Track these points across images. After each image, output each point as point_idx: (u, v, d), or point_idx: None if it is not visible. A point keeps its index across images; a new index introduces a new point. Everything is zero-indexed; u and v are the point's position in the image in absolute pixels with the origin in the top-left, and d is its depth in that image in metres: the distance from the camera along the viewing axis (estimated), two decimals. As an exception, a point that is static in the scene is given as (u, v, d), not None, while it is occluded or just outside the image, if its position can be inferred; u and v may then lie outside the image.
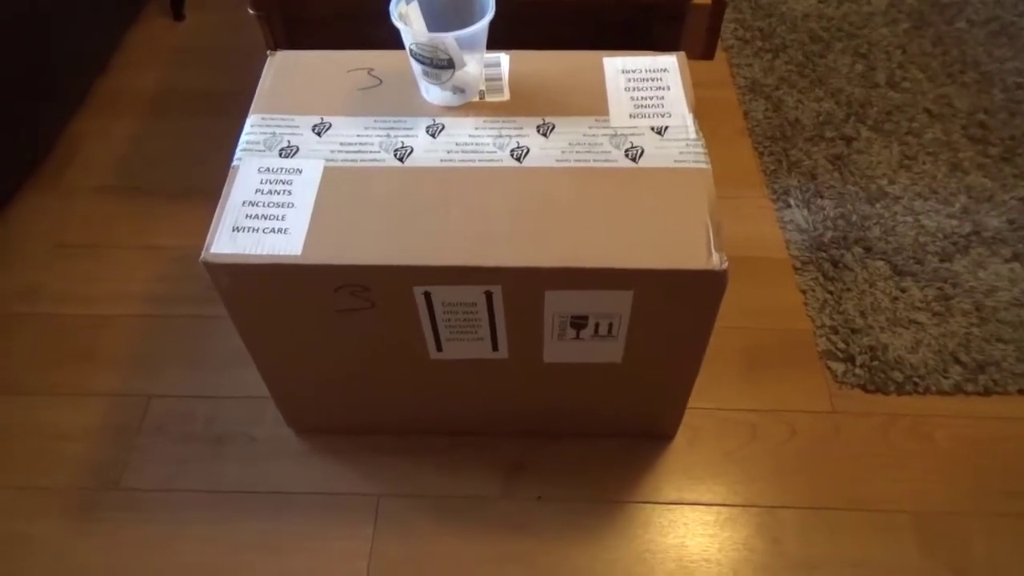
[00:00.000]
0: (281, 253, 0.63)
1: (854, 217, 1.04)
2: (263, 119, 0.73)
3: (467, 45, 0.69)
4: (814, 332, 0.94)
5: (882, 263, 0.99)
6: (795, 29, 1.33)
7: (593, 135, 0.72)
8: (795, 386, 0.90)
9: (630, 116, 0.73)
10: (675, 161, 0.69)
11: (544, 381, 0.76)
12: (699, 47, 0.94)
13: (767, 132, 1.16)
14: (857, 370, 0.90)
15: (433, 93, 0.74)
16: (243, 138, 0.72)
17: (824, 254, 1.01)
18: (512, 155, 0.70)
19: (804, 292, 0.98)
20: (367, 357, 0.74)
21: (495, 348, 0.72)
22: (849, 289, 0.97)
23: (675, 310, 0.67)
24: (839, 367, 0.90)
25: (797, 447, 0.85)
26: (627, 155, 0.70)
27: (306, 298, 0.66)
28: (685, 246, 0.63)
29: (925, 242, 1.01)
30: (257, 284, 0.65)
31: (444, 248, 0.64)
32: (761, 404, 0.89)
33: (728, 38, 1.32)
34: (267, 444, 0.86)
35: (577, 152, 0.70)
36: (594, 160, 0.70)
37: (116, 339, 0.95)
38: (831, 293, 0.97)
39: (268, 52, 0.81)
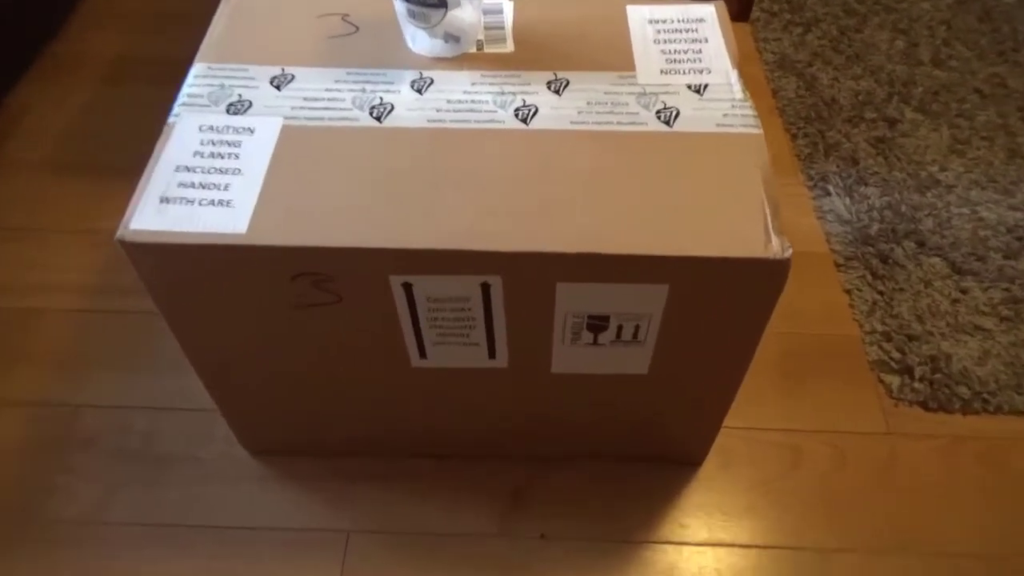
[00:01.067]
0: (222, 231, 0.50)
1: (903, 207, 0.91)
2: (210, 69, 0.59)
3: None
4: (863, 339, 0.81)
5: (938, 260, 0.86)
6: (827, 2, 1.20)
7: (616, 93, 0.58)
8: (843, 402, 0.77)
9: (661, 72, 0.60)
10: (718, 125, 0.56)
11: (551, 396, 0.63)
12: (732, 4, 0.81)
13: (800, 112, 1.03)
14: (916, 384, 0.76)
15: (421, 41, 0.61)
16: (183, 91, 0.58)
17: (871, 248, 0.87)
18: (517, 115, 0.56)
19: (849, 292, 0.84)
20: (333, 364, 0.60)
21: (492, 355, 0.58)
22: (902, 289, 0.84)
23: (720, 310, 0.53)
24: (894, 380, 0.77)
25: (849, 476, 0.72)
26: (659, 117, 0.56)
27: (255, 289, 0.52)
28: (736, 229, 0.50)
29: (986, 236, 0.88)
30: (191, 270, 0.51)
31: (429, 228, 0.50)
32: (804, 423, 0.75)
33: (752, 9, 1.19)
34: (216, 467, 0.71)
35: (597, 113, 0.57)
36: (618, 123, 0.56)
37: (45, 338, 0.80)
38: (881, 294, 0.83)
39: (222, -7, 0.67)
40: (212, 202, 0.51)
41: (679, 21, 0.63)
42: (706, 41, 0.62)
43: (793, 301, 0.83)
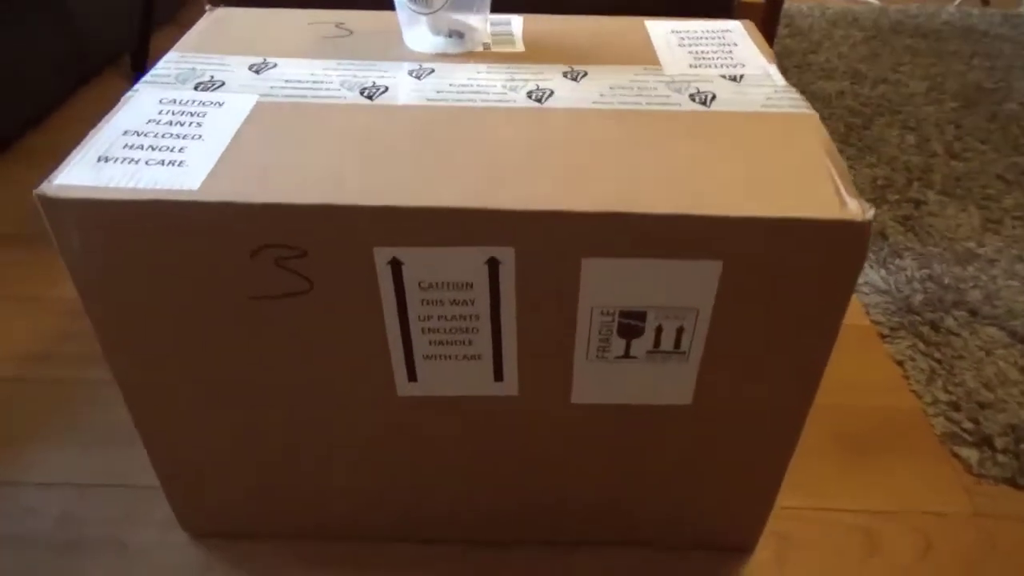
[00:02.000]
0: (168, 187, 0.40)
1: (946, 279, 0.82)
2: (182, 56, 0.52)
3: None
4: (925, 410, 0.69)
5: (994, 329, 0.76)
6: (830, 105, 1.18)
7: (643, 80, 0.51)
8: (916, 480, 0.64)
9: (690, 66, 0.53)
10: (763, 106, 0.48)
11: (570, 441, 0.50)
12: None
13: (818, 194, 0.97)
14: (1000, 457, 0.64)
15: (421, 39, 0.55)
16: (148, 74, 0.51)
17: (918, 318, 0.78)
18: (530, 96, 0.49)
19: (901, 363, 0.73)
20: (299, 392, 0.48)
21: (499, 376, 0.47)
22: (961, 357, 0.73)
23: (783, 300, 0.42)
24: (972, 454, 0.65)
25: (939, 566, 0.57)
26: (693, 99, 0.49)
27: (204, 268, 0.42)
28: (802, 191, 0.41)
29: (1043, 308, 0.79)
30: (125, 240, 0.41)
31: (425, 187, 0.41)
32: (875, 503, 0.62)
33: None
34: (146, 554, 0.57)
35: (623, 94, 0.49)
36: (647, 104, 0.49)
37: (-38, 408, 0.68)
38: (939, 362, 0.73)
39: (207, 7, 0.62)
40: (161, 162, 0.42)
41: (704, 31, 0.58)
42: (736, 45, 0.56)
43: (842, 374, 0.73)
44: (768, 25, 0.74)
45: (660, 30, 0.58)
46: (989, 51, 1.36)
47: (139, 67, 1.22)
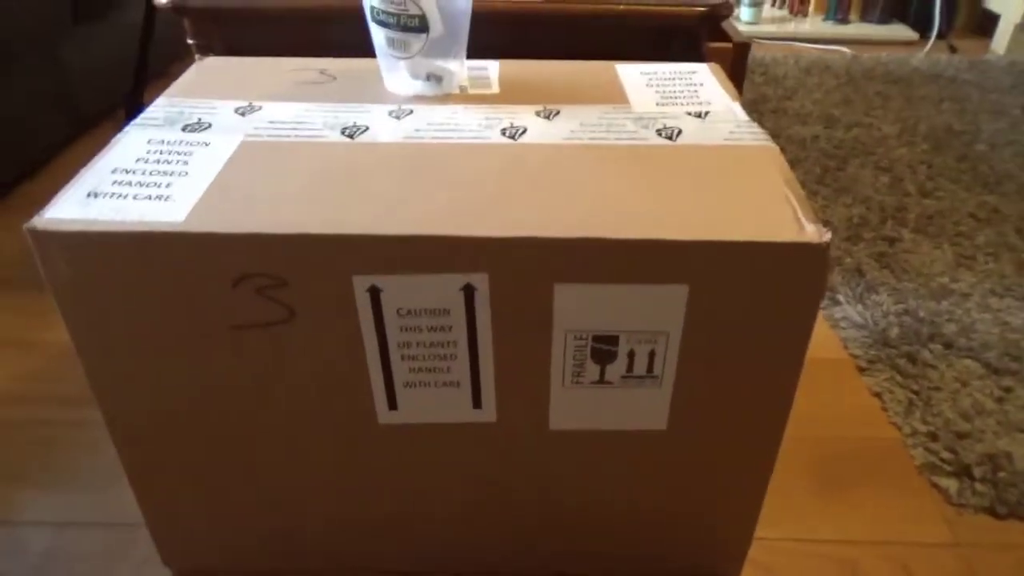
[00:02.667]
0: (153, 220, 0.42)
1: (921, 313, 0.84)
2: (170, 101, 0.55)
3: (447, 8, 0.53)
4: (903, 441, 0.70)
5: (970, 361, 0.78)
6: (805, 148, 1.22)
7: (612, 117, 0.53)
8: (896, 510, 0.64)
9: (657, 104, 0.56)
10: (726, 140, 0.51)
11: (548, 468, 0.51)
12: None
13: (795, 233, 0.99)
14: (978, 487, 0.65)
15: (401, 82, 0.57)
16: (137, 119, 0.53)
17: (895, 350, 0.79)
18: (504, 134, 0.51)
19: (879, 394, 0.75)
20: (281, 422, 0.49)
21: (477, 403, 0.48)
22: (938, 388, 0.74)
23: (748, 323, 0.44)
24: (951, 484, 0.65)
25: (921, 594, 0.58)
26: (660, 134, 0.51)
27: (187, 299, 0.43)
28: (762, 217, 0.43)
29: (1017, 339, 0.81)
30: (111, 271, 0.42)
31: (402, 216, 0.42)
32: (855, 533, 0.62)
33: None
34: (128, 591, 0.57)
35: (592, 131, 0.52)
36: (616, 139, 0.51)
37: (-54, 450, 0.68)
38: (916, 393, 0.74)
39: (197, 57, 0.64)
40: (148, 197, 0.43)
41: (672, 72, 0.61)
42: (702, 85, 0.59)
43: (820, 407, 0.74)
44: (736, 69, 0.78)
45: (630, 72, 0.61)
46: (957, 95, 1.41)
47: (133, 117, 1.25)
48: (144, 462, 0.51)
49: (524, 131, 0.51)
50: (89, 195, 0.43)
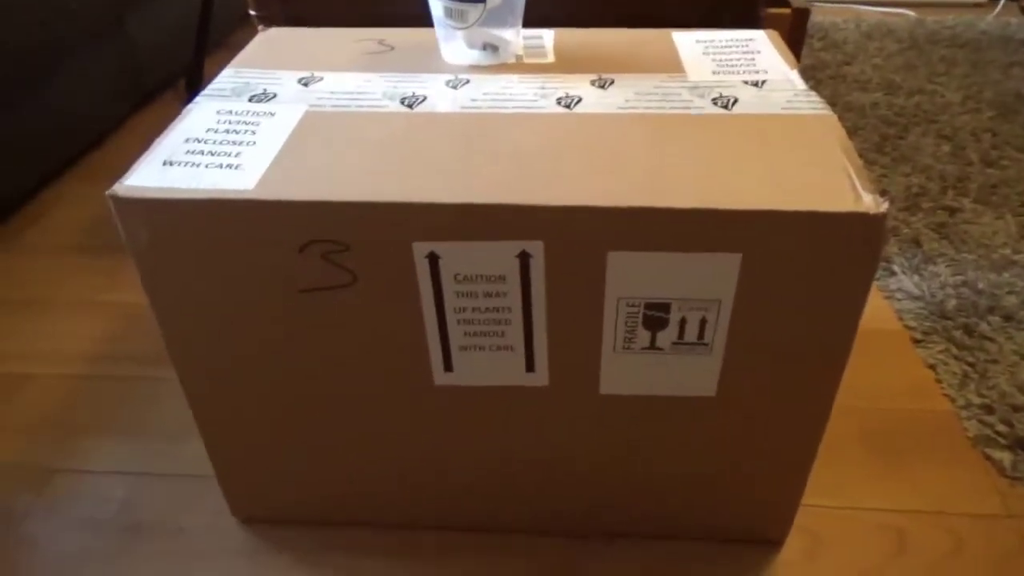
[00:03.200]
0: (225, 188, 0.44)
1: (980, 284, 0.83)
2: (237, 72, 0.57)
3: (503, -29, 0.54)
4: (957, 414, 0.69)
5: (1031, 334, 0.76)
6: (864, 115, 1.19)
7: (667, 87, 0.54)
8: (947, 482, 0.64)
9: (713, 73, 0.55)
10: (783, 108, 0.51)
11: (598, 432, 0.52)
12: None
13: (851, 203, 0.98)
14: (1034, 460, 0.64)
15: (458, 52, 0.58)
16: (206, 89, 0.55)
17: (951, 322, 0.78)
18: (559, 103, 0.52)
19: (934, 367, 0.74)
20: (342, 380, 0.51)
21: (530, 366, 0.49)
22: (996, 361, 0.73)
23: (801, 292, 0.44)
24: (1005, 457, 0.65)
25: (970, 565, 0.58)
26: (715, 103, 0.51)
27: (258, 262, 0.45)
28: (819, 187, 0.43)
29: (1080, 313, 0.79)
30: (187, 235, 0.45)
31: (461, 185, 0.44)
32: (905, 503, 0.62)
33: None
34: (200, 538, 0.60)
35: (647, 100, 0.52)
36: (671, 107, 0.51)
37: (31, 403, 0.72)
38: (972, 366, 0.73)
39: (260, 28, 0.66)
40: (219, 166, 0.46)
41: (728, 40, 0.61)
42: (759, 52, 0.58)
43: (873, 378, 0.74)
44: (795, 35, 0.76)
45: (686, 40, 0.61)
46: (1028, 61, 1.35)
47: (193, 88, 1.28)
48: (214, 417, 0.54)
49: (579, 100, 0.52)
50: (165, 163, 0.46)
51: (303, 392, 0.51)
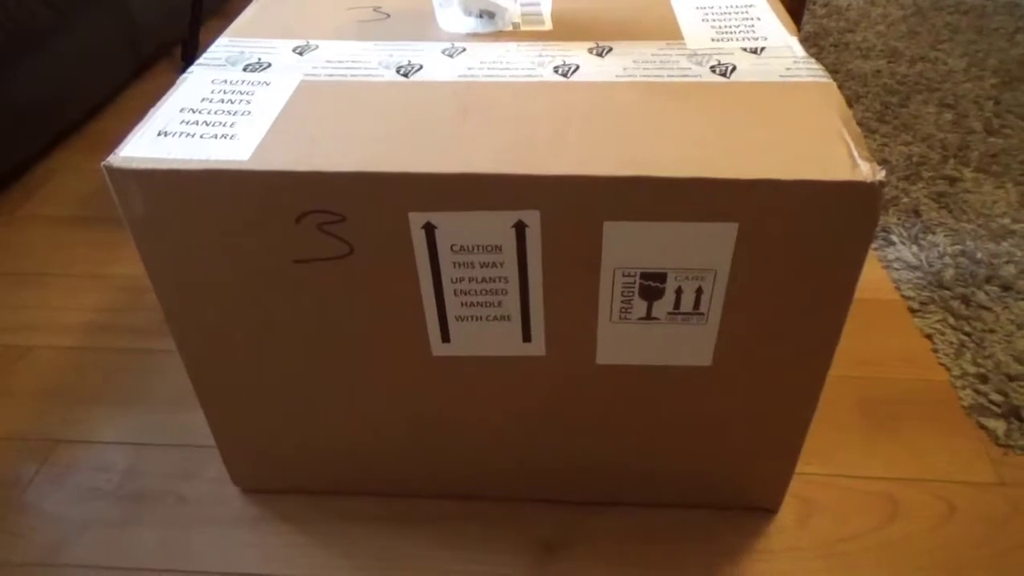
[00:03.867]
0: (221, 158, 0.44)
1: (979, 254, 0.83)
2: (231, 41, 0.56)
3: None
4: (952, 383, 0.70)
5: (1028, 304, 0.76)
6: (866, 84, 1.18)
7: (665, 55, 0.53)
8: (941, 450, 0.65)
9: (712, 40, 0.55)
10: (781, 76, 0.50)
11: (595, 400, 0.53)
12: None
13: (851, 172, 0.97)
14: (1027, 428, 0.65)
15: (453, 19, 0.57)
16: (200, 59, 0.54)
17: (949, 292, 0.78)
18: (556, 71, 0.51)
19: (930, 336, 0.74)
20: (340, 350, 0.51)
21: (527, 336, 0.49)
22: (992, 331, 0.73)
23: (797, 262, 0.44)
24: (998, 425, 0.65)
25: (961, 531, 0.59)
26: (714, 71, 0.51)
27: (253, 233, 0.45)
28: (815, 155, 0.43)
29: (1078, 282, 0.79)
30: (183, 206, 0.45)
31: (457, 154, 0.43)
32: (898, 471, 0.63)
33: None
34: (201, 506, 0.61)
35: (645, 68, 0.51)
36: (668, 76, 0.51)
37: (34, 373, 0.73)
38: (968, 335, 0.73)
39: (253, -4, 0.65)
40: (215, 136, 0.45)
41: (727, 6, 0.60)
42: (758, 19, 0.58)
43: (870, 347, 0.74)
44: (796, 1, 0.75)
45: (684, 6, 0.60)
46: (1034, 27, 1.34)
47: (190, 56, 1.27)
48: (213, 386, 0.55)
49: (576, 69, 0.52)
50: (160, 134, 0.46)
51: (301, 363, 0.52)
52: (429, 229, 0.44)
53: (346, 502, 0.60)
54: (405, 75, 0.51)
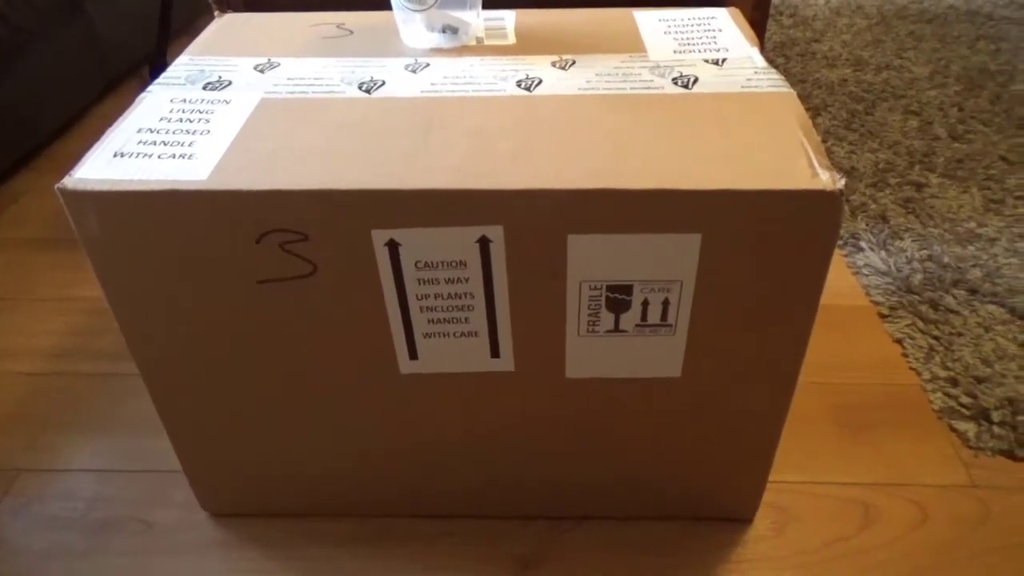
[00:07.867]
0: (178, 178, 0.43)
1: (946, 259, 0.83)
2: (191, 59, 0.56)
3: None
4: (923, 386, 0.70)
5: (995, 307, 0.77)
6: (833, 92, 1.19)
7: (628, 67, 0.53)
8: (913, 453, 0.65)
9: (674, 52, 0.55)
10: (742, 87, 0.50)
11: (566, 415, 0.52)
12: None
13: (820, 180, 0.98)
14: (997, 430, 0.65)
15: (417, 35, 0.57)
16: (160, 78, 0.54)
17: (918, 297, 0.79)
18: (519, 85, 0.51)
19: (900, 341, 0.75)
20: (306, 371, 0.50)
21: (495, 352, 0.49)
22: (960, 334, 0.74)
23: (761, 271, 0.44)
24: (969, 428, 0.66)
25: (934, 535, 0.59)
26: (676, 83, 0.51)
27: (213, 255, 0.45)
28: (776, 165, 0.43)
29: (1043, 284, 0.80)
30: (140, 228, 0.44)
31: (418, 170, 0.43)
32: (871, 476, 0.63)
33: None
34: (168, 533, 0.60)
35: (607, 81, 0.52)
36: (631, 88, 0.51)
37: (-5, 401, 0.71)
38: (937, 339, 0.74)
39: (216, 13, 0.65)
40: (172, 156, 0.45)
41: (690, 18, 0.60)
42: (720, 31, 0.58)
43: (841, 353, 0.74)
44: (758, 11, 0.76)
45: (648, 19, 0.60)
46: (994, 34, 1.36)
47: (156, 74, 1.26)
48: (177, 410, 0.54)
49: (539, 82, 0.52)
50: (116, 155, 0.45)
51: (267, 384, 0.51)
52: (393, 246, 0.44)
53: (317, 524, 0.60)
54: (367, 91, 0.51)
